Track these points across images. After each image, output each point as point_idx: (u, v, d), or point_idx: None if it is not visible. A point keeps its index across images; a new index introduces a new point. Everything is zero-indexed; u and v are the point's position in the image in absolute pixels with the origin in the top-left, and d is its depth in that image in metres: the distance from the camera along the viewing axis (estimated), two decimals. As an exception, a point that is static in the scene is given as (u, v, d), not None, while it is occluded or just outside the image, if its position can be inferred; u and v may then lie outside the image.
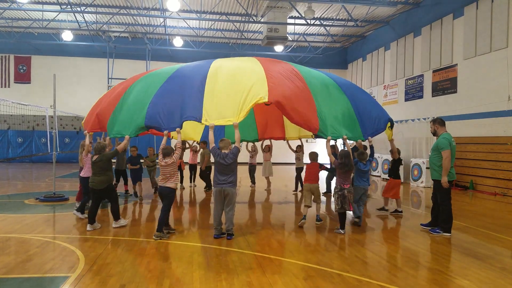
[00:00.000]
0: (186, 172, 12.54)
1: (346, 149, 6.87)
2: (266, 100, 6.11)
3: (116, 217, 6.81)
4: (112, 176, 6.85)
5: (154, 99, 6.76)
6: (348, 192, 6.51)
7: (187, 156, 12.46)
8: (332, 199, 7.90)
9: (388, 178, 9.00)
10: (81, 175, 7.61)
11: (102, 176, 6.61)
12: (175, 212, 8.37)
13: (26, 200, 9.41)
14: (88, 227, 6.52)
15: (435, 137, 6.85)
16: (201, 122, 6.27)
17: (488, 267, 4.94)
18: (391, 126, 7.74)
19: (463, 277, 4.56)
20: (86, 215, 7.09)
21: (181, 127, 6.45)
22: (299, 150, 11.42)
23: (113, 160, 10.17)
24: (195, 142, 11.69)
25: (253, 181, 12.68)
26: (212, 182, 6.61)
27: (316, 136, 7.47)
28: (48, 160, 20.26)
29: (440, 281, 4.44)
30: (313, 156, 7.46)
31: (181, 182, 12.23)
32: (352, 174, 7.01)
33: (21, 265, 4.73)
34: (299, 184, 11.41)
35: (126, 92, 7.36)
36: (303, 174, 8.27)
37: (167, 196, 6.18)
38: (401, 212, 8.41)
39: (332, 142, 7.80)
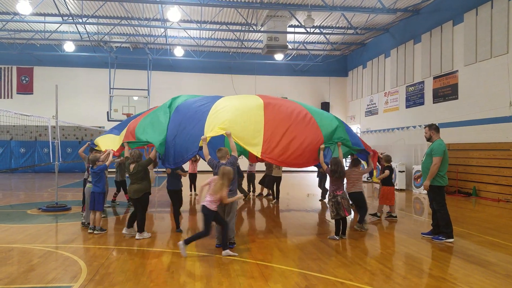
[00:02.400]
0: (184, 181, 12.53)
1: (337, 156, 6.96)
2: (259, 155, 6.55)
3: (141, 229, 6.62)
4: (148, 185, 6.71)
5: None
6: (342, 199, 6.53)
7: (185, 165, 12.47)
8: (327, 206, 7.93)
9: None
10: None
11: (137, 184, 6.57)
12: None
13: (29, 210, 9.41)
14: (137, 236, 6.59)
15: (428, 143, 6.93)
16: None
17: (492, 274, 4.91)
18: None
19: (466, 285, 4.53)
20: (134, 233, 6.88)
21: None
22: None
23: (113, 170, 10.19)
24: None
25: (253, 190, 12.68)
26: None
27: None
28: (50, 170, 20.22)
29: (444, 288, 4.42)
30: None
31: None
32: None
33: (23, 275, 4.73)
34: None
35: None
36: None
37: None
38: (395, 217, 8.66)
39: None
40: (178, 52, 21.42)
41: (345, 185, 6.97)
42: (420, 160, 14.65)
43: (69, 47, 20.32)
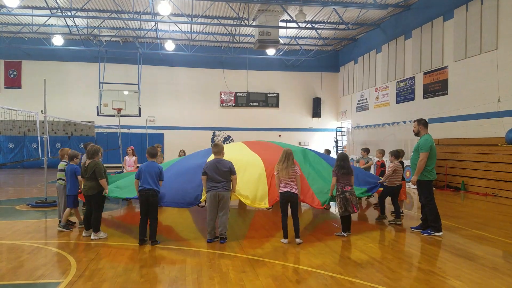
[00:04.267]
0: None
1: (344, 151, 6.97)
2: (267, 206, 6.56)
3: (96, 229, 6.27)
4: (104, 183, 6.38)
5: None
6: (350, 195, 6.44)
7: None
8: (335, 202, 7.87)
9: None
10: None
11: (92, 182, 6.28)
12: (167, 217, 8.33)
13: (18, 206, 9.31)
14: (93, 236, 6.24)
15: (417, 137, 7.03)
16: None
17: (480, 267, 4.98)
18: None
19: (455, 278, 4.59)
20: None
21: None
22: None
23: None
24: (182, 151, 11.79)
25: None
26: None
27: None
28: (39, 165, 20.03)
29: (432, 282, 4.47)
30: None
31: None
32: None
33: (12, 272, 4.68)
34: None
35: None
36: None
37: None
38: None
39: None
40: (169, 46, 21.24)
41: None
42: (409, 155, 14.77)
43: (58, 40, 20.02)
